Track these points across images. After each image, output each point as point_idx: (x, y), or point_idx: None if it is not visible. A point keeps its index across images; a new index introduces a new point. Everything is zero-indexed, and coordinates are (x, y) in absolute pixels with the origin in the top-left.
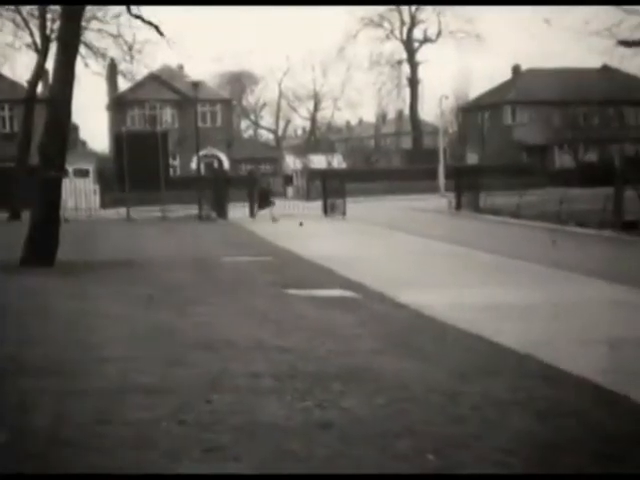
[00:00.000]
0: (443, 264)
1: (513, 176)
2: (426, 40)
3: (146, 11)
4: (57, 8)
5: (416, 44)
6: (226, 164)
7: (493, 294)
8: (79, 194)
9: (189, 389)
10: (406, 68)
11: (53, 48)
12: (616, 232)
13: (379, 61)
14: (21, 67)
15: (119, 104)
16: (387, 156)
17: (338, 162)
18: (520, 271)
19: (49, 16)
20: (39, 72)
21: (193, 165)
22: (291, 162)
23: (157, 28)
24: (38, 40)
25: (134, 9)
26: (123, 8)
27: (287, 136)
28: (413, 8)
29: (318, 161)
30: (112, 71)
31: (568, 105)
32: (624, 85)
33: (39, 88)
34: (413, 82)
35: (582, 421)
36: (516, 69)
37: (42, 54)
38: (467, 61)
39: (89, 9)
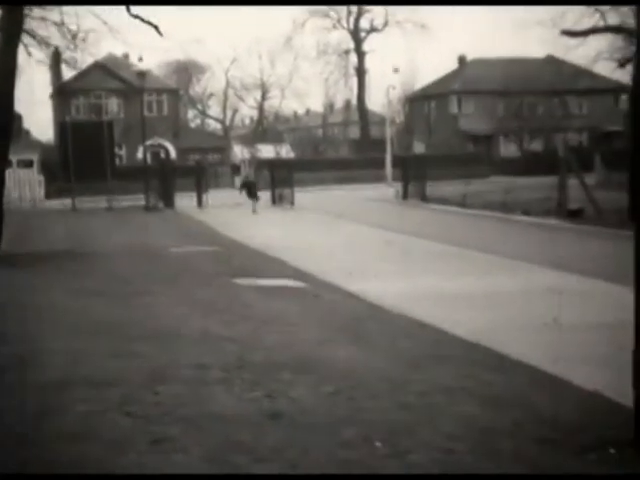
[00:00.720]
0: (390, 253)
1: (459, 165)
2: (373, 30)
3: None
4: None
5: (363, 34)
6: (173, 154)
7: (441, 283)
8: (23, 185)
9: (135, 381)
10: (353, 58)
11: None
12: (561, 220)
13: (326, 51)
14: None
15: (63, 93)
16: (335, 146)
17: (286, 152)
18: (467, 260)
19: None
20: None
21: (139, 155)
22: (239, 152)
23: (157, 28)
24: None
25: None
26: None
27: (235, 126)
28: None
29: (266, 151)
30: (56, 60)
31: (513, 95)
32: (568, 75)
33: None
34: (360, 72)
35: (524, 405)
36: (462, 59)
37: None
38: (414, 51)
39: None
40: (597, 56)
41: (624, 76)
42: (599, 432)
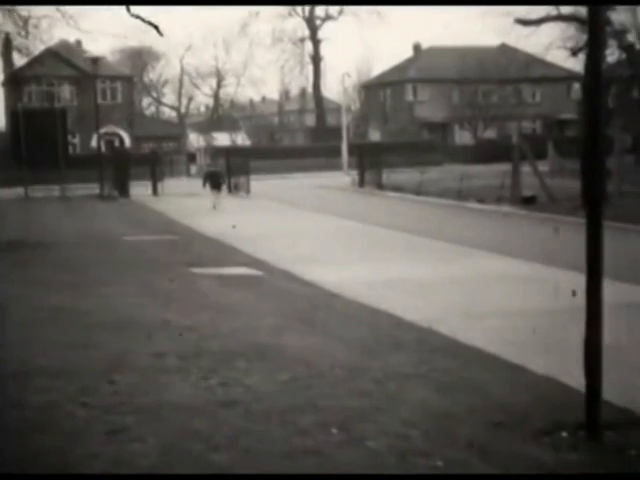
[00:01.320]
0: (346, 241)
1: (415, 153)
2: (328, 18)
3: None
4: None
5: (318, 21)
6: (127, 142)
7: (396, 270)
8: None
9: (92, 371)
10: (309, 45)
11: None
12: (514, 207)
13: (282, 38)
14: None
15: (15, 81)
16: (291, 133)
17: (242, 140)
18: (422, 247)
19: None
20: None
21: (93, 143)
22: (194, 140)
23: (157, 28)
24: None
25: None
26: None
27: (190, 113)
28: None
29: (222, 139)
30: (7, 46)
31: (468, 83)
32: (521, 63)
33: None
34: (316, 59)
35: (479, 391)
36: (417, 47)
37: None
38: (369, 39)
39: None
40: (550, 45)
41: (577, 65)
42: (553, 416)
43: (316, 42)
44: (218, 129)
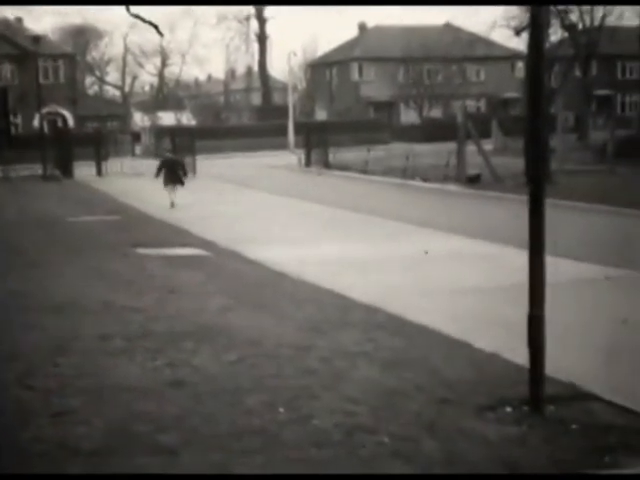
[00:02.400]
0: (294, 221)
1: (361, 132)
2: None
3: None
4: None
5: None
6: (71, 122)
7: (342, 249)
8: None
9: (35, 354)
10: (254, 24)
11: None
12: (459, 186)
13: (227, 16)
14: None
15: None
16: (237, 113)
17: (187, 119)
18: (369, 226)
19: None
20: None
21: (36, 123)
22: (139, 119)
23: (156, 28)
24: None
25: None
26: None
27: (134, 93)
28: None
29: (167, 118)
30: None
31: (413, 62)
32: (466, 42)
33: None
34: (261, 38)
35: (425, 368)
36: (362, 26)
37: None
38: (315, 18)
39: None
40: (493, 24)
41: (520, 44)
42: (497, 392)
43: (262, 20)
44: (163, 108)
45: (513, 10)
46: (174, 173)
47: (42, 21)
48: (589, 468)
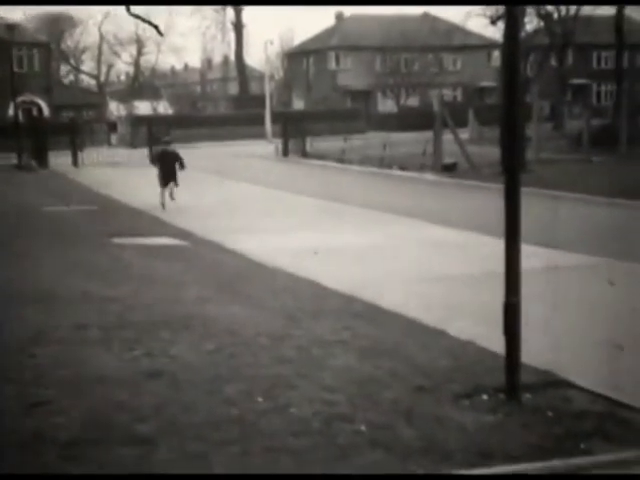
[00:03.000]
0: (271, 210)
1: (338, 121)
2: None
3: None
4: None
5: None
6: (46, 111)
7: (321, 238)
8: None
9: (12, 344)
10: (230, 12)
11: None
12: (436, 175)
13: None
14: None
15: None
16: (214, 102)
17: (164, 108)
18: (347, 215)
19: None
20: None
21: (10, 112)
22: (115, 108)
23: (157, 28)
24: None
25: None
26: None
27: (110, 82)
28: None
29: (143, 107)
30: None
31: (390, 51)
32: (443, 31)
33: None
34: (238, 27)
35: (401, 356)
36: (339, 16)
37: None
38: (291, 7)
39: None
40: (469, 13)
41: (496, 33)
42: (473, 380)
43: (238, 9)
44: (139, 97)
45: None
46: (172, 170)
47: (17, 9)
48: (565, 456)
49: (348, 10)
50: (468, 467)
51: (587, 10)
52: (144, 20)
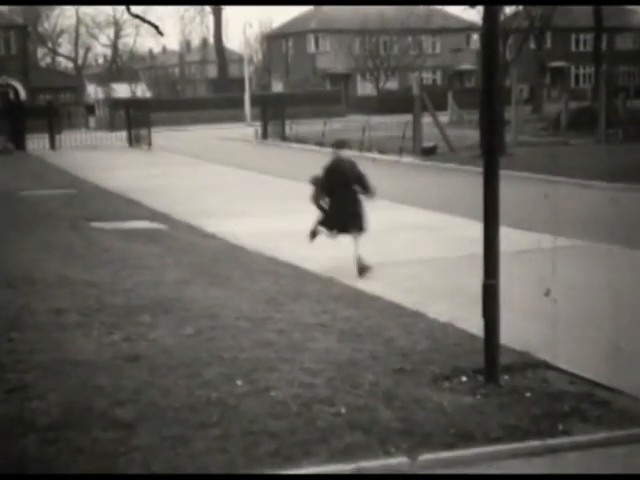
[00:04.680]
0: (250, 193)
1: (317, 104)
2: None
3: None
4: None
5: None
6: (23, 94)
7: (299, 221)
8: None
9: None
10: None
11: None
12: (416, 158)
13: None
14: None
15: None
16: (193, 85)
17: (142, 91)
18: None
19: None
20: None
21: None
22: (93, 91)
23: (157, 28)
24: None
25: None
26: None
27: (88, 64)
28: None
29: (121, 90)
30: None
31: (369, 34)
32: (421, 14)
33: None
34: (216, 9)
35: (381, 338)
36: None
37: None
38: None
39: None
40: None
41: (475, 16)
42: (453, 362)
43: None
44: (117, 80)
45: None
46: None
47: None
48: (543, 437)
49: None
50: (447, 448)
51: None
52: (144, 20)
